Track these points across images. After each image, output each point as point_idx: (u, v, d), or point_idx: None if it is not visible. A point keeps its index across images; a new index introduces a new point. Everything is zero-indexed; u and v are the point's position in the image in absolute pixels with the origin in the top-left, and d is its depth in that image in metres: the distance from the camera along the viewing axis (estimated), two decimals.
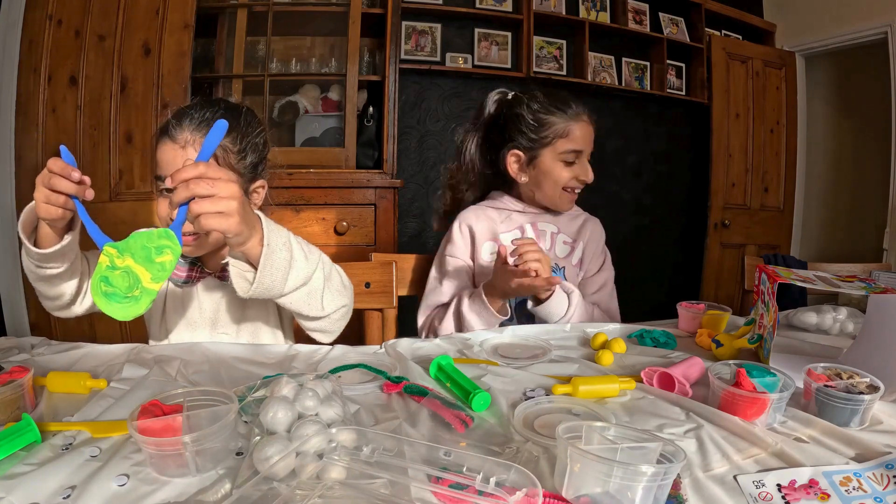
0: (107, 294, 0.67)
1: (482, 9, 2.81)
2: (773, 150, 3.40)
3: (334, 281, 0.83)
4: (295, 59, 2.53)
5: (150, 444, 0.47)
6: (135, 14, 2.08)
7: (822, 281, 0.79)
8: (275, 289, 0.74)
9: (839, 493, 0.47)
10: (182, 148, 0.85)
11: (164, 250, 0.69)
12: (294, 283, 0.76)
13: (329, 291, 0.81)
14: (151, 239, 0.69)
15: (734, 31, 3.43)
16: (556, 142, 1.14)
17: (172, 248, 0.69)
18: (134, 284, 0.68)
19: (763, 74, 3.32)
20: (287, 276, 0.74)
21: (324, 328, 0.86)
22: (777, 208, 3.46)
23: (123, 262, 0.68)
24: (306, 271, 0.77)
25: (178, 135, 0.85)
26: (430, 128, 2.85)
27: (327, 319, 0.84)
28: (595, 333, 0.92)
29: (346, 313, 0.87)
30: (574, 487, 0.44)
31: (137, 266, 0.68)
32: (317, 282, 0.79)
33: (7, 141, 2.03)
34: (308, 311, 0.80)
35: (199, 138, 0.84)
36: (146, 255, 0.68)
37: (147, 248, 0.69)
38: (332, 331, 0.87)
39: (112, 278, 0.68)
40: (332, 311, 0.82)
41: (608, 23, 3.04)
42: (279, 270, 0.73)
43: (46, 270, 0.80)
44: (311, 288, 0.79)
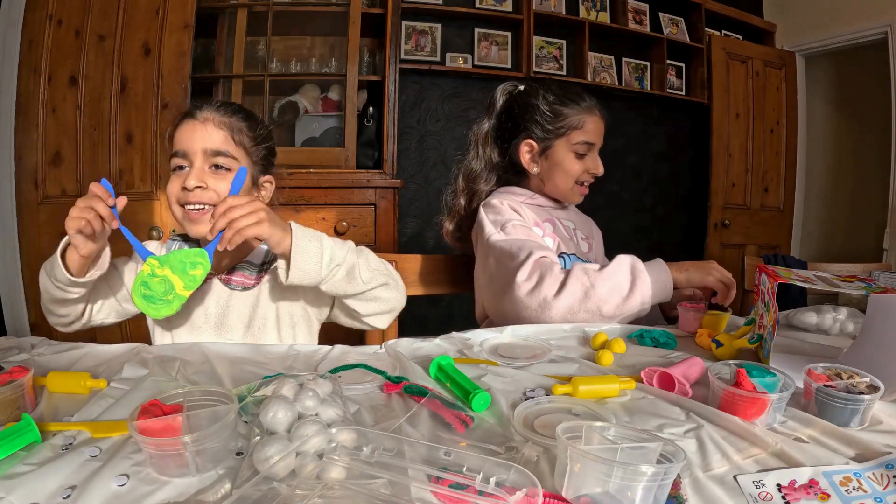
0: (145, 296, 0.82)
1: (482, 9, 2.81)
2: (773, 150, 3.40)
3: (371, 259, 0.91)
4: (295, 59, 2.53)
5: (150, 444, 0.47)
6: (135, 14, 2.08)
7: (822, 281, 0.79)
8: (311, 272, 0.82)
9: (839, 493, 0.47)
10: (202, 123, 0.92)
11: (196, 265, 0.83)
12: (328, 265, 0.83)
13: (366, 268, 0.88)
14: (188, 255, 0.84)
15: (734, 31, 3.43)
16: (570, 133, 1.15)
17: (204, 265, 0.83)
18: (169, 290, 0.82)
19: (763, 74, 3.32)
20: (321, 259, 0.83)
21: (374, 311, 0.93)
22: (777, 208, 3.46)
23: (162, 272, 0.83)
24: (338, 253, 0.85)
25: (199, 113, 0.92)
26: (430, 128, 2.85)
27: (371, 296, 0.90)
28: (595, 333, 0.92)
29: (391, 291, 0.93)
30: (574, 487, 0.44)
31: (173, 276, 0.83)
32: (350, 259, 0.86)
33: (7, 141, 2.03)
34: (352, 288, 0.87)
35: (218, 116, 0.92)
36: (182, 268, 0.83)
37: (183, 262, 0.83)
38: (382, 311, 0.94)
39: (151, 284, 0.82)
40: (373, 284, 0.89)
41: (608, 23, 3.04)
42: (311, 255, 0.82)
43: (67, 294, 0.88)
44: (348, 266, 0.86)
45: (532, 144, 1.18)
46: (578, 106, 1.16)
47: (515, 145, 1.20)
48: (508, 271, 1.03)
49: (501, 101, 1.24)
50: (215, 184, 0.91)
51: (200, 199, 0.90)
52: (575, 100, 1.16)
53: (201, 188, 0.89)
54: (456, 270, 1.34)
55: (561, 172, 1.17)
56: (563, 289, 0.97)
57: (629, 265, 1.00)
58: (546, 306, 0.98)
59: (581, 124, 1.15)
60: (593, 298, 0.96)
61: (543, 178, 1.20)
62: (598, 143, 1.19)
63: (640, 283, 0.98)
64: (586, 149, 1.16)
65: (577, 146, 1.16)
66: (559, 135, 1.16)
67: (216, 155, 0.91)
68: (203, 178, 0.90)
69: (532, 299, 0.99)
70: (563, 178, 1.18)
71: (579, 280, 0.97)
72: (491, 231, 1.12)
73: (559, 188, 1.19)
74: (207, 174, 0.91)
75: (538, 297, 0.98)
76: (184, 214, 0.92)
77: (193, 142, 0.91)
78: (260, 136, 0.99)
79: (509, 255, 1.06)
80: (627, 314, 0.99)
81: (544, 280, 0.98)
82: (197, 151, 0.91)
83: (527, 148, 1.19)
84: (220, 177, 0.91)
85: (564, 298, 0.97)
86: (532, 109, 1.17)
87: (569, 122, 1.15)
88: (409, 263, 1.31)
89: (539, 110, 1.16)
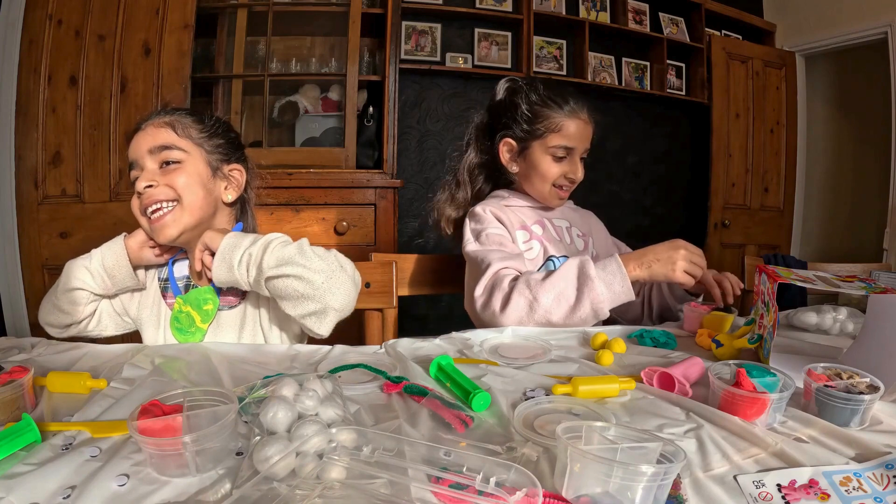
0: (177, 328, 0.94)
1: (482, 9, 2.81)
2: (773, 150, 3.40)
3: (289, 250, 0.82)
4: (295, 59, 2.53)
5: (150, 444, 0.47)
6: (135, 14, 2.09)
7: (822, 281, 0.79)
8: (226, 267, 0.84)
9: (839, 493, 0.47)
10: (143, 131, 0.93)
11: (207, 301, 0.94)
12: (239, 256, 0.83)
13: (276, 255, 0.81)
14: (201, 293, 0.94)
15: (734, 31, 3.43)
16: (547, 136, 1.13)
17: (213, 300, 0.94)
18: (191, 323, 0.94)
19: (763, 74, 3.32)
20: (234, 252, 0.83)
21: (301, 311, 0.82)
22: (777, 208, 3.46)
23: (186, 308, 0.94)
24: (251, 248, 0.83)
25: (142, 125, 0.94)
26: (430, 128, 2.85)
27: (286, 288, 0.81)
28: (595, 333, 0.92)
29: (313, 286, 0.81)
30: (574, 487, 0.44)
31: (193, 311, 0.94)
32: (262, 247, 0.83)
33: (7, 141, 2.03)
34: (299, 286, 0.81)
35: (158, 119, 0.94)
36: (198, 304, 0.94)
37: (198, 299, 0.94)
38: (309, 312, 0.82)
39: (180, 318, 0.94)
40: (281, 272, 0.80)
41: (608, 23, 3.04)
42: (227, 251, 0.84)
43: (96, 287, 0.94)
44: (259, 250, 0.83)
45: (511, 143, 1.17)
46: (560, 108, 1.13)
47: (497, 143, 1.19)
48: (472, 283, 1.04)
49: (499, 96, 1.23)
50: (166, 179, 0.90)
51: (154, 196, 0.89)
52: (557, 102, 1.13)
53: (151, 186, 0.89)
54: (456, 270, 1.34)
55: (537, 175, 1.16)
56: (508, 304, 0.96)
57: (576, 271, 0.96)
58: (496, 321, 0.98)
59: (559, 127, 1.12)
60: (539, 311, 0.94)
61: (522, 178, 1.19)
62: (580, 147, 1.15)
63: (588, 290, 0.94)
64: (564, 152, 1.14)
65: (554, 149, 1.13)
66: (536, 136, 1.14)
67: (162, 150, 0.91)
68: (153, 177, 0.90)
69: (485, 313, 1.00)
70: (539, 180, 1.16)
71: (522, 294, 0.95)
72: (468, 240, 1.13)
73: (536, 190, 1.18)
74: (157, 173, 0.90)
75: (489, 311, 0.99)
76: (149, 224, 0.91)
77: (139, 147, 0.91)
78: (210, 127, 0.97)
79: (476, 265, 1.07)
80: (581, 321, 0.95)
81: (493, 295, 0.98)
82: (143, 155, 0.91)
83: (506, 147, 1.18)
84: (170, 172, 0.90)
85: (511, 313, 0.96)
86: (514, 108, 1.16)
87: (546, 124, 1.13)
88: (408, 263, 1.31)
89: (520, 109, 1.15)
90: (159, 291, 1.00)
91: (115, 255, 0.93)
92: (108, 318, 1.00)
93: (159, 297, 0.99)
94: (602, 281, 0.95)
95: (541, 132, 1.13)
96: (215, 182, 0.96)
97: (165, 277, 1.00)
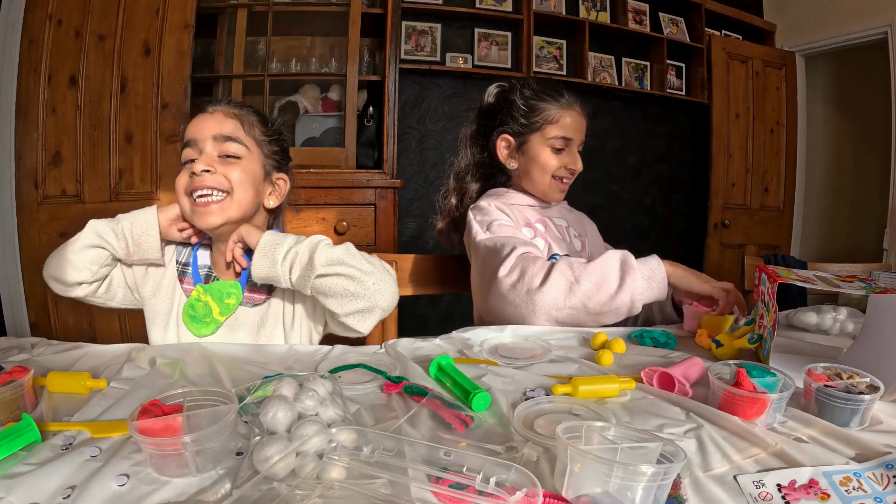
0: (190, 316, 0.94)
1: (482, 9, 2.81)
2: (773, 150, 3.40)
3: (337, 251, 0.85)
4: (295, 59, 2.53)
5: (150, 444, 0.47)
6: (135, 14, 2.09)
7: (822, 281, 0.79)
8: (268, 262, 0.86)
9: (839, 493, 0.47)
10: (211, 114, 0.93)
11: (230, 295, 0.94)
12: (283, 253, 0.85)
13: (327, 256, 0.84)
14: (225, 286, 0.95)
15: (734, 31, 3.43)
16: (545, 127, 1.15)
17: (237, 295, 0.94)
18: (208, 313, 0.93)
19: (763, 74, 3.32)
20: (277, 248, 0.85)
21: (349, 309, 0.84)
22: (777, 208, 3.46)
23: (205, 297, 0.94)
24: (296, 245, 0.86)
25: (209, 107, 0.94)
26: (430, 128, 2.85)
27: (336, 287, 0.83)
28: (595, 333, 0.92)
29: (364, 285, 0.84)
30: (574, 487, 0.44)
31: (212, 302, 0.93)
32: (310, 247, 0.86)
33: (7, 141, 2.03)
34: (312, 275, 0.84)
35: (228, 108, 0.94)
36: (219, 297, 0.94)
37: (221, 292, 0.94)
38: (356, 310, 0.85)
39: (196, 306, 0.94)
40: (333, 271, 0.83)
41: (608, 23, 3.04)
42: (269, 247, 0.86)
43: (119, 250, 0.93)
44: (309, 249, 0.85)
45: (509, 139, 1.19)
46: (556, 101, 1.15)
47: (493, 141, 1.20)
48: (493, 268, 1.01)
49: (490, 100, 1.25)
50: (224, 170, 0.90)
51: (207, 182, 0.89)
52: (552, 95, 1.16)
53: (209, 171, 0.89)
54: (456, 270, 1.34)
55: (537, 167, 1.17)
56: (547, 282, 0.93)
57: (619, 260, 0.95)
58: (530, 300, 0.94)
59: (557, 119, 1.15)
60: (578, 293, 0.92)
61: (521, 173, 1.20)
62: (577, 138, 1.18)
63: (630, 279, 0.93)
64: (563, 143, 1.16)
65: (553, 140, 1.15)
66: (534, 129, 1.16)
67: (226, 140, 0.91)
68: (211, 163, 0.90)
69: (515, 294, 0.96)
70: (539, 173, 1.17)
71: (563, 274, 0.93)
72: (477, 231, 1.12)
73: (536, 184, 1.19)
74: (217, 161, 0.90)
75: (521, 290, 0.95)
76: (191, 206, 0.91)
77: (203, 130, 0.91)
78: (273, 132, 0.99)
79: (493, 251, 1.04)
80: (616, 311, 0.94)
81: (526, 273, 0.95)
82: (206, 138, 0.90)
83: (504, 143, 1.19)
84: (228, 164, 0.91)
85: (548, 292, 0.93)
86: (509, 105, 1.18)
87: (543, 116, 1.15)
88: (408, 263, 1.31)
89: (515, 105, 1.17)
90: (176, 274, 0.99)
91: (146, 224, 0.92)
92: (119, 288, 0.98)
93: (175, 280, 0.98)
94: (643, 274, 0.94)
95: (539, 125, 1.15)
96: (264, 186, 0.98)
97: (185, 262, 0.99)
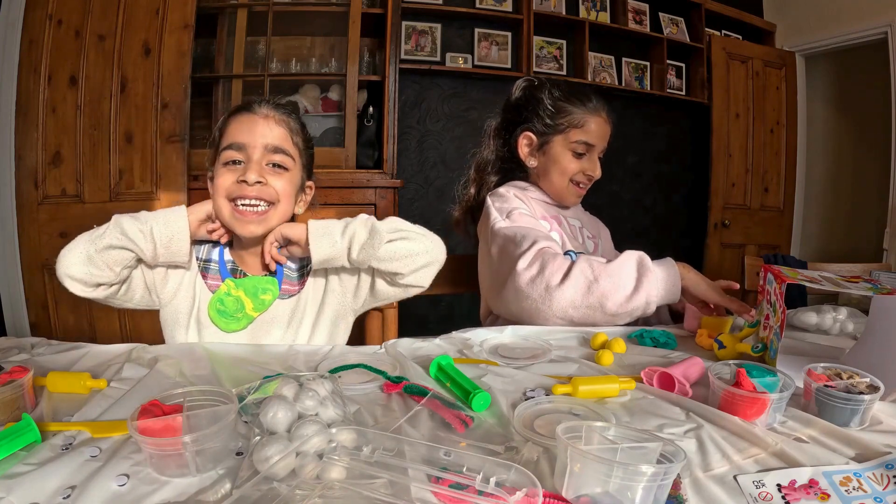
0: (219, 311, 0.92)
1: (482, 9, 2.81)
2: (773, 150, 3.40)
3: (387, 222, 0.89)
4: (295, 59, 2.53)
5: (150, 444, 0.47)
6: (135, 14, 2.08)
7: (827, 281, 0.79)
8: (329, 241, 0.87)
9: (839, 493, 0.47)
10: (263, 119, 0.91)
11: (266, 291, 0.93)
12: (341, 231, 0.87)
13: (384, 226, 0.88)
14: (261, 282, 0.93)
15: (734, 31, 3.43)
16: (569, 131, 1.15)
17: (273, 291, 0.93)
18: (239, 309, 0.92)
19: (763, 74, 3.32)
20: (336, 228, 0.87)
21: (413, 267, 0.89)
22: (777, 208, 3.46)
23: (237, 292, 0.92)
24: (351, 223, 0.87)
25: (258, 109, 0.92)
26: (430, 128, 2.85)
27: (402, 250, 0.88)
28: (595, 333, 0.92)
29: (419, 242, 0.90)
30: (574, 487, 0.44)
31: (246, 298, 0.92)
32: (366, 223, 0.88)
33: (7, 141, 2.03)
34: (378, 245, 0.86)
35: (278, 114, 0.92)
36: (254, 292, 0.92)
37: (256, 287, 0.93)
38: (420, 265, 0.90)
39: (226, 301, 0.92)
40: (397, 237, 0.88)
41: (608, 23, 3.04)
42: (326, 228, 0.87)
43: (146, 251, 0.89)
44: (367, 228, 0.87)
45: (531, 137, 1.18)
46: (583, 105, 1.15)
47: (515, 137, 1.20)
48: (511, 259, 1.00)
49: (515, 95, 1.24)
50: (272, 180, 0.89)
51: (260, 194, 0.88)
52: (581, 99, 1.15)
53: (261, 183, 0.88)
54: (456, 270, 1.34)
55: (557, 169, 1.17)
56: (567, 279, 0.93)
57: (636, 261, 0.96)
58: (548, 296, 0.94)
59: (582, 123, 1.14)
60: (596, 293, 0.92)
61: (540, 173, 1.20)
62: (600, 145, 1.17)
63: (647, 281, 0.93)
64: (584, 149, 1.16)
65: (575, 145, 1.15)
66: (559, 131, 1.16)
67: (276, 152, 0.90)
68: (263, 173, 0.89)
69: (533, 288, 0.95)
70: (558, 175, 1.17)
71: (583, 273, 0.94)
72: (496, 218, 1.11)
73: (554, 185, 1.19)
74: (266, 170, 0.89)
75: (540, 286, 0.94)
76: (232, 212, 0.89)
77: (254, 136, 0.89)
78: (309, 140, 0.99)
79: (513, 242, 1.03)
80: (631, 312, 0.95)
81: (546, 268, 0.95)
82: (257, 146, 0.89)
83: (525, 140, 1.19)
84: (277, 175, 0.90)
85: (567, 289, 0.93)
86: (536, 103, 1.17)
87: (570, 119, 1.15)
88: None
89: (542, 104, 1.16)
90: (198, 271, 0.97)
91: (177, 228, 0.87)
92: (138, 289, 0.94)
93: (197, 277, 0.96)
94: (658, 277, 0.94)
95: (563, 127, 1.15)
96: (299, 196, 0.98)
97: (206, 258, 0.98)
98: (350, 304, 1.01)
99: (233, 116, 0.93)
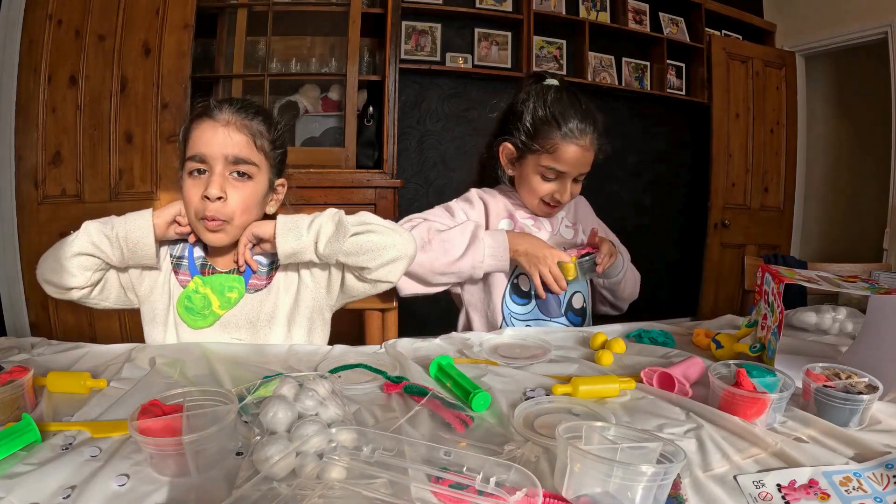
0: (186, 307, 0.93)
1: (482, 9, 2.81)
2: (773, 150, 3.40)
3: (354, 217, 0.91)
4: (295, 59, 2.53)
5: (150, 444, 0.47)
6: (135, 14, 2.09)
7: (825, 281, 0.79)
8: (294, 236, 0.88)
9: (839, 493, 0.47)
10: (223, 126, 0.88)
11: (233, 289, 0.94)
12: (308, 227, 0.88)
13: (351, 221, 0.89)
14: (227, 280, 0.94)
15: (734, 31, 3.43)
16: (541, 154, 1.10)
17: (239, 290, 0.94)
18: (206, 306, 0.93)
19: (763, 74, 3.32)
20: (301, 223, 0.88)
21: (381, 261, 0.90)
22: (777, 208, 3.46)
23: (204, 290, 0.93)
24: (318, 218, 0.88)
25: (219, 115, 0.89)
26: (430, 128, 2.85)
27: (368, 244, 0.89)
28: (595, 333, 0.92)
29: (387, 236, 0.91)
30: (574, 487, 0.44)
31: (212, 295, 0.93)
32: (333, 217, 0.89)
33: (7, 141, 2.03)
34: (343, 239, 0.87)
35: (239, 119, 0.89)
36: (221, 290, 0.93)
37: (223, 285, 0.94)
38: (388, 260, 0.90)
39: (193, 298, 0.93)
40: (363, 230, 0.89)
41: (608, 23, 3.04)
42: (292, 224, 0.88)
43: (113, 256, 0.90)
44: (333, 222, 0.88)
45: (510, 148, 1.16)
46: (559, 130, 1.08)
47: (498, 144, 1.18)
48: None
49: (518, 95, 1.20)
50: (235, 195, 0.88)
51: (220, 212, 0.87)
52: (560, 122, 1.08)
53: (222, 199, 0.87)
54: None
55: (526, 186, 1.15)
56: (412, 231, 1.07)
57: (471, 231, 1.09)
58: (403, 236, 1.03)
59: (554, 149, 1.08)
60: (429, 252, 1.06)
61: (516, 182, 1.19)
62: (573, 172, 1.11)
63: (474, 248, 1.07)
64: (554, 174, 1.11)
65: (544, 169, 1.11)
66: (531, 151, 1.11)
67: (237, 162, 0.88)
68: (224, 186, 0.87)
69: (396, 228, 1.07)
70: (527, 192, 1.16)
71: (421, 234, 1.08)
72: (444, 205, 1.21)
73: (526, 199, 1.18)
74: (228, 181, 0.88)
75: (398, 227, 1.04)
76: (198, 221, 0.89)
77: (213, 146, 0.87)
78: (278, 138, 0.96)
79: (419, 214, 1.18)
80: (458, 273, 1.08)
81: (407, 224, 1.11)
82: (217, 157, 0.87)
83: (505, 151, 1.17)
84: (240, 185, 0.89)
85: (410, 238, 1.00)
86: (518, 115, 1.13)
87: (542, 142, 1.09)
88: None
89: (523, 119, 1.12)
90: (171, 267, 0.97)
91: (142, 232, 0.88)
92: (113, 289, 0.96)
93: (170, 273, 0.97)
94: (486, 245, 1.07)
95: (535, 149, 1.11)
96: (268, 196, 0.97)
97: (179, 255, 0.98)
98: (325, 300, 1.00)
99: (195, 122, 0.91)
